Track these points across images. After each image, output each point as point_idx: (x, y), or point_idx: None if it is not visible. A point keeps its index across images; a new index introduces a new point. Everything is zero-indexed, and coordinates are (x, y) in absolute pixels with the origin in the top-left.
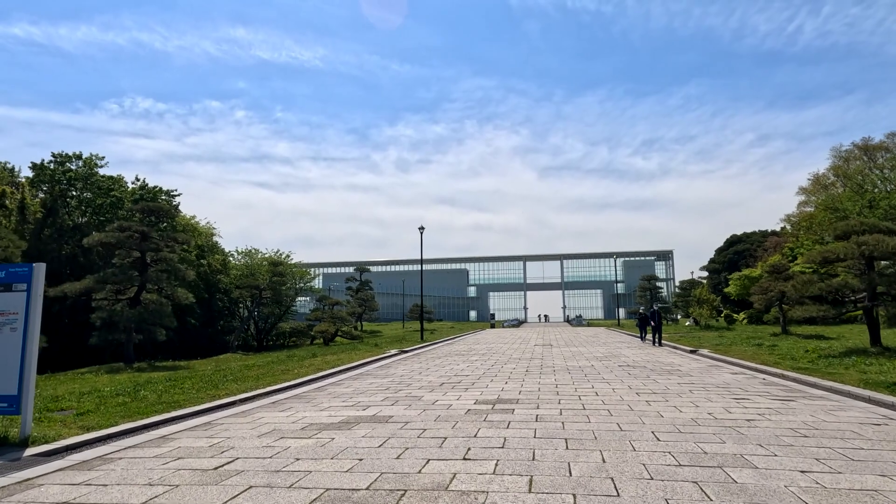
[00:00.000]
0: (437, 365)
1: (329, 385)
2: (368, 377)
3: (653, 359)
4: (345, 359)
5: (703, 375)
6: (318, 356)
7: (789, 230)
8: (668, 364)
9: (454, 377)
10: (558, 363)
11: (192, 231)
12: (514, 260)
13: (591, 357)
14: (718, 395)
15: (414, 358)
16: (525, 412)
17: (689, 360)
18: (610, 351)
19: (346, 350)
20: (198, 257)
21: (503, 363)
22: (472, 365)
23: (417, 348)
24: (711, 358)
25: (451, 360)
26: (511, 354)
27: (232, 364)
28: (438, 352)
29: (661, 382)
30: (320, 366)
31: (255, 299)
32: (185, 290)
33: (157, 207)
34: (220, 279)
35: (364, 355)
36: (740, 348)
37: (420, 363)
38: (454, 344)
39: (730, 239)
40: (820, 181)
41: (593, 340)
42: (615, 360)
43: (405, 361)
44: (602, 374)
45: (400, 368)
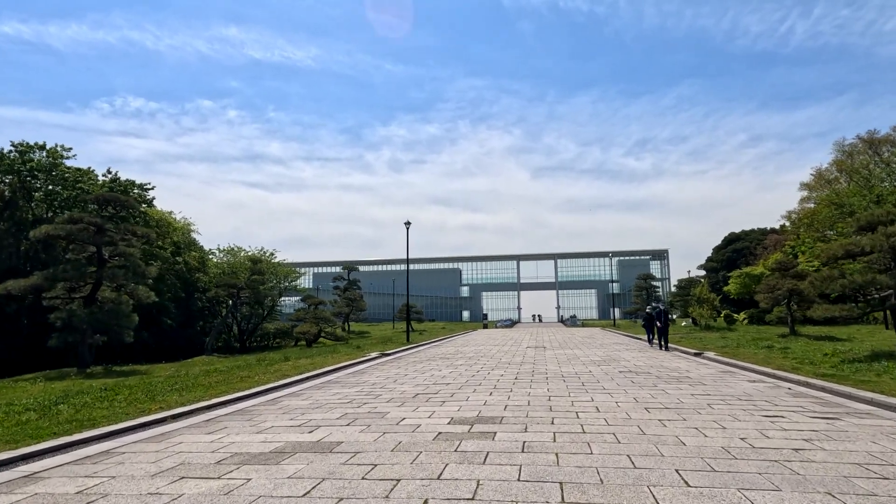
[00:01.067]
0: (416, 371)
1: (286, 396)
2: (335, 386)
3: (656, 363)
4: (319, 363)
5: (719, 384)
6: (290, 360)
7: (789, 227)
8: (675, 369)
9: (432, 386)
10: (552, 369)
11: (167, 226)
12: (507, 259)
13: (588, 361)
14: (744, 410)
15: (394, 362)
16: (509, 438)
17: (697, 365)
18: (608, 354)
19: (324, 353)
20: (173, 254)
21: (490, 368)
22: (456, 371)
23: (400, 351)
24: (720, 362)
25: (434, 365)
26: (500, 358)
27: (195, 369)
28: (422, 355)
29: (672, 393)
30: (287, 371)
31: (234, 299)
32: (147, 288)
33: (114, 198)
34: (198, 278)
35: (341, 359)
36: (749, 351)
37: (399, 368)
38: (441, 346)
39: (728, 237)
40: (823, 176)
41: (589, 342)
42: (615, 365)
43: (383, 366)
44: (602, 383)
45: (375, 375)
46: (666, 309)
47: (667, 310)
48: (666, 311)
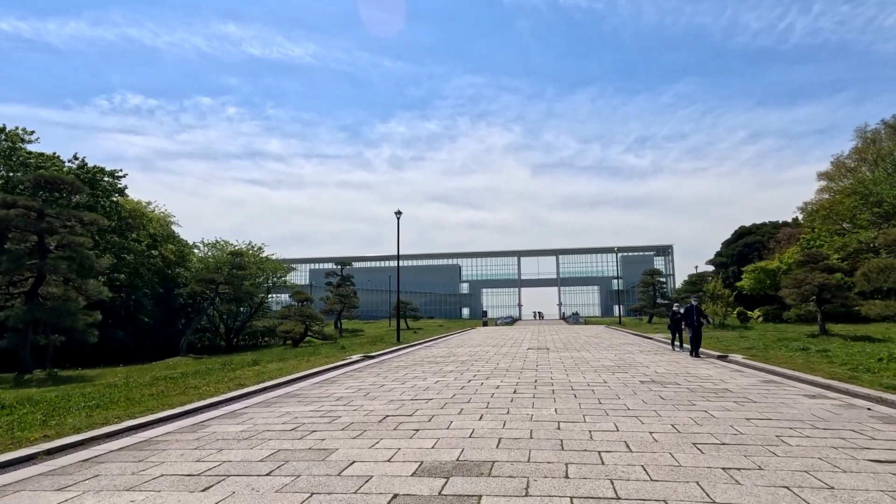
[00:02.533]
0: (397, 379)
1: (221, 417)
2: (291, 402)
3: (680, 369)
4: (289, 368)
5: (772, 401)
6: (260, 364)
7: (801, 220)
8: (705, 378)
9: (409, 403)
10: (558, 378)
11: (141, 217)
12: (508, 255)
13: (600, 367)
14: (835, 448)
15: (376, 367)
16: None
17: (729, 372)
18: (621, 357)
19: (303, 355)
20: (149, 247)
21: (485, 377)
22: (444, 380)
23: (388, 352)
24: (755, 368)
25: (419, 372)
26: (497, 363)
27: (148, 375)
28: (410, 357)
29: (719, 416)
30: (246, 380)
31: (213, 295)
32: (99, 282)
33: (57, 179)
34: (178, 273)
35: (318, 362)
36: (782, 354)
37: (377, 376)
38: (434, 346)
39: (738, 231)
40: (843, 165)
41: (596, 342)
42: (632, 373)
43: (361, 372)
44: (623, 400)
45: (346, 384)
46: (700, 306)
47: (701, 308)
48: (700, 309)
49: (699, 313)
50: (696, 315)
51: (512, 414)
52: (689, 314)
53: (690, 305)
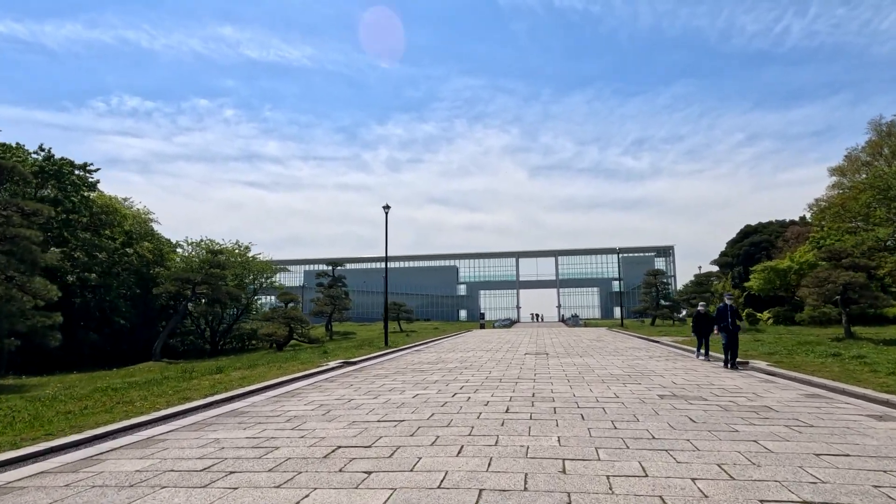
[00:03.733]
0: (370, 391)
1: (123, 449)
2: (230, 423)
3: (701, 380)
4: (255, 377)
5: (831, 424)
6: (224, 371)
7: (809, 219)
8: (734, 390)
9: (373, 426)
10: (560, 391)
11: (114, 213)
12: (506, 256)
13: (608, 376)
14: None
15: (351, 376)
16: None
17: (759, 383)
18: (630, 364)
19: (279, 361)
20: (124, 245)
21: (473, 389)
22: (424, 394)
23: (372, 357)
24: (786, 377)
25: (399, 382)
26: (490, 371)
27: (98, 383)
28: (394, 364)
29: (777, 450)
30: (195, 392)
31: (190, 295)
32: (46, 280)
33: (4, 167)
34: (158, 272)
35: (291, 370)
36: (809, 360)
37: (348, 388)
38: (423, 351)
39: (744, 230)
40: (857, 159)
41: (599, 346)
42: (647, 383)
43: (333, 382)
44: (645, 423)
45: (307, 399)
46: (734, 306)
47: (736, 308)
48: (736, 310)
49: (734, 314)
50: (730, 317)
51: (501, 446)
52: (721, 316)
53: (724, 305)
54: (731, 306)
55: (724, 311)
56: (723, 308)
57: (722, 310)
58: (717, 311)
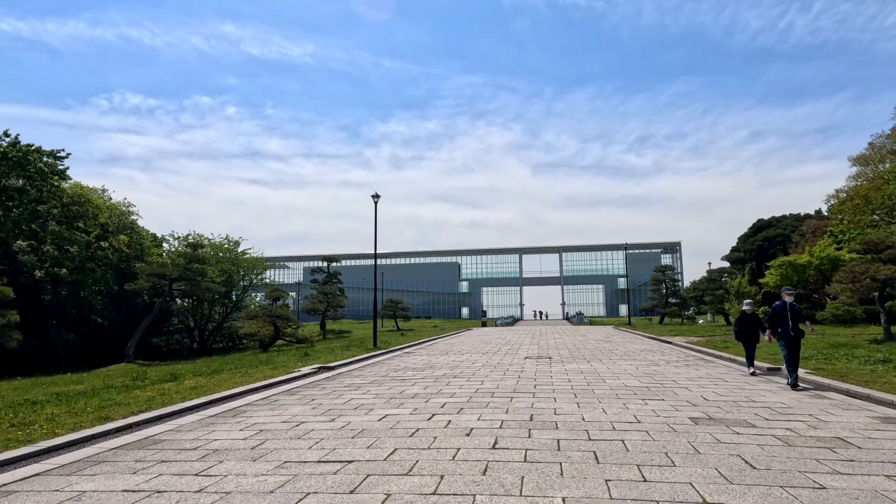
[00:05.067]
0: (331, 410)
1: None
2: (123, 462)
3: (735, 394)
4: (206, 387)
5: None
6: (178, 379)
7: (825, 212)
8: (782, 411)
9: (305, 475)
10: (565, 412)
11: (87, 204)
12: (509, 253)
13: (623, 389)
14: None
15: (320, 386)
16: None
17: (810, 399)
18: (645, 371)
19: (249, 365)
20: (99, 238)
21: (457, 409)
22: (393, 417)
23: (354, 361)
24: (840, 391)
25: (370, 397)
26: (482, 381)
27: (31, 392)
28: (375, 370)
29: None
30: (122, 409)
31: (166, 292)
32: None
33: None
34: (139, 268)
35: (256, 377)
36: (856, 368)
37: (308, 403)
38: (414, 353)
39: (756, 224)
40: (883, 147)
41: (608, 348)
42: (671, 399)
43: (293, 395)
44: (686, 470)
45: (248, 423)
46: (797, 305)
47: (798, 307)
48: (798, 308)
49: (796, 315)
50: (791, 318)
51: None
52: (778, 317)
53: (781, 303)
54: (793, 304)
55: (783, 310)
56: (780, 307)
57: (779, 309)
58: (772, 311)
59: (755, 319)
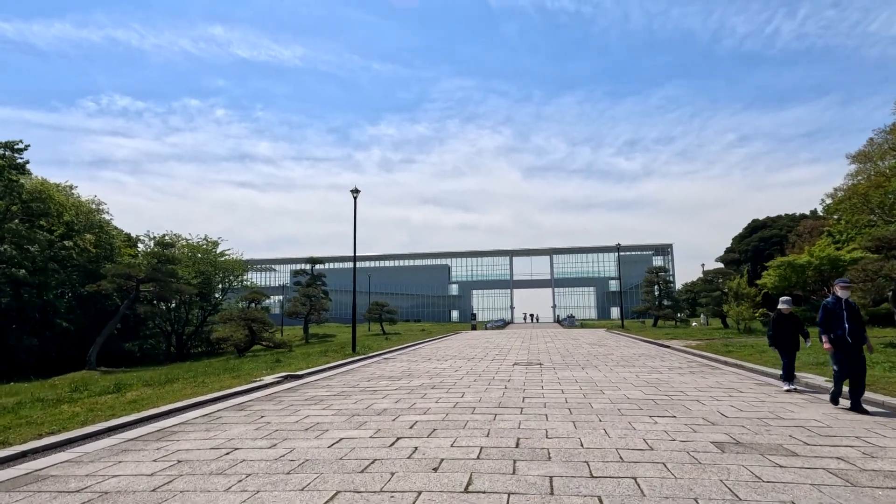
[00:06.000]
0: (275, 433)
1: None
2: None
3: (758, 408)
4: (146, 400)
5: None
6: (122, 390)
7: (821, 212)
8: (824, 433)
9: None
10: (559, 436)
11: (48, 201)
12: (499, 255)
13: (625, 403)
14: None
15: (275, 399)
16: None
17: (849, 416)
18: (647, 380)
19: (210, 373)
20: (63, 237)
21: (427, 433)
22: (348, 441)
23: (328, 368)
24: (877, 405)
25: (329, 414)
26: (463, 392)
27: None
28: (347, 379)
29: None
30: (23, 430)
31: (133, 294)
32: None
33: None
34: (104, 269)
35: (206, 389)
36: (880, 375)
37: (253, 423)
38: (394, 359)
39: (752, 224)
40: (885, 142)
41: (603, 353)
42: (685, 417)
43: (243, 410)
44: None
45: (164, 451)
46: (852, 302)
47: (856, 305)
48: (856, 306)
49: (856, 316)
50: (849, 320)
51: None
52: (833, 318)
53: (833, 299)
54: (850, 302)
55: (837, 308)
56: (832, 304)
57: (831, 307)
58: (823, 310)
59: (794, 321)
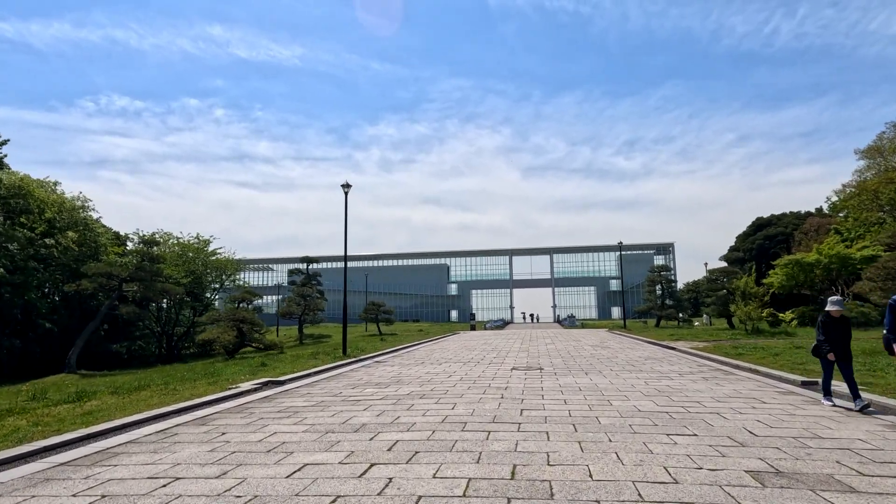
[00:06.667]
0: (230, 458)
1: None
2: None
3: (793, 424)
4: (110, 410)
5: None
6: (82, 399)
7: (826, 210)
8: (878, 459)
9: None
10: (563, 463)
11: (28, 197)
12: (499, 254)
13: (637, 417)
14: None
15: (245, 412)
16: None
17: None
18: (659, 388)
19: (188, 378)
20: (44, 235)
21: (406, 457)
22: (312, 469)
23: (314, 373)
24: None
25: (299, 430)
26: (455, 403)
27: None
28: (330, 386)
29: None
30: None
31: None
32: None
33: None
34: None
35: (180, 396)
36: None
37: (209, 442)
38: (386, 362)
39: (756, 222)
40: (892, 140)
41: (607, 356)
42: (709, 437)
43: (205, 425)
44: None
45: (72, 491)
46: None
47: None
48: None
49: None
50: None
51: None
52: None
53: None
54: None
55: None
56: None
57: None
58: (891, 309)
59: (845, 326)
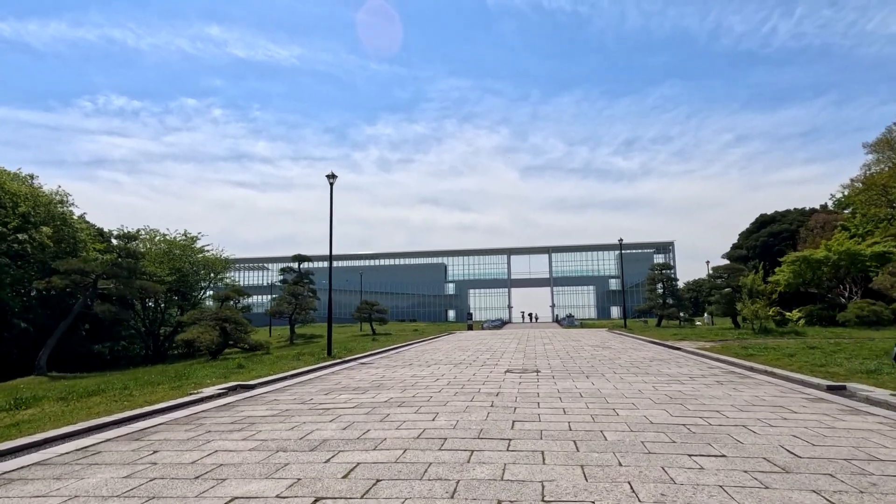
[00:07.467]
0: (162, 476)
1: None
2: None
3: (839, 446)
4: (41, 421)
5: None
6: (21, 406)
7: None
8: None
9: None
10: (561, 497)
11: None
12: (497, 253)
13: (650, 431)
14: None
15: (193, 423)
16: None
17: None
18: (670, 395)
19: (151, 381)
20: (16, 230)
21: (365, 487)
22: (249, 501)
23: (291, 376)
24: None
25: (250, 446)
26: (437, 413)
27: None
28: (303, 392)
29: None
30: None
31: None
32: None
33: None
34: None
35: (134, 403)
36: None
37: (140, 461)
38: (373, 364)
39: (759, 219)
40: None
41: (609, 357)
42: (746, 462)
43: (148, 437)
44: None
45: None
46: None
47: None
48: None
49: None
50: None
51: None
52: None
53: None
54: None
55: None
56: None
57: None
58: None
59: None
